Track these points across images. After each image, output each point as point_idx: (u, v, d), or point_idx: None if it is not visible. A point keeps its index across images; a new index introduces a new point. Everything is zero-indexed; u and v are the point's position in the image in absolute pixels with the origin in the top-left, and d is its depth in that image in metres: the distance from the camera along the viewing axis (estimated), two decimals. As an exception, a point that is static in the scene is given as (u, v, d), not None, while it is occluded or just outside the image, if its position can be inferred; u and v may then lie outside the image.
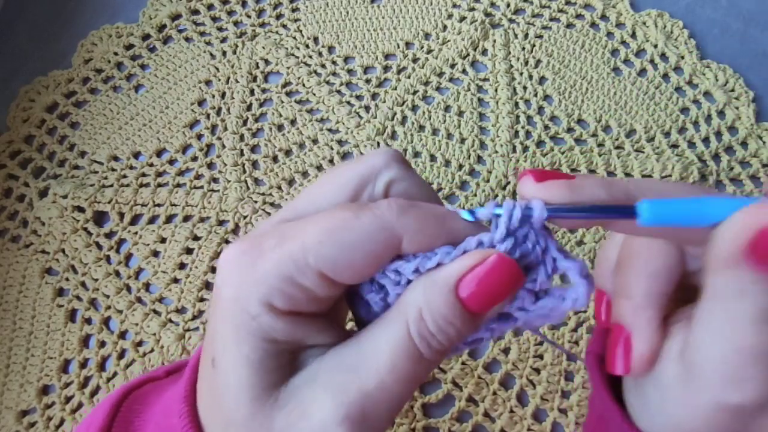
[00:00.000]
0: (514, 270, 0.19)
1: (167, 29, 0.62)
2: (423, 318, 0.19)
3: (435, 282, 0.19)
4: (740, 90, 0.58)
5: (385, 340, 0.19)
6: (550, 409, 0.44)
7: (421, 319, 0.19)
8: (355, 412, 0.18)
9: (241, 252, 0.19)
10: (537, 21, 0.63)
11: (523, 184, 0.20)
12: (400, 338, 0.19)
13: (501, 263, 0.19)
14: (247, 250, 0.19)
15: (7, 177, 0.54)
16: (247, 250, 0.19)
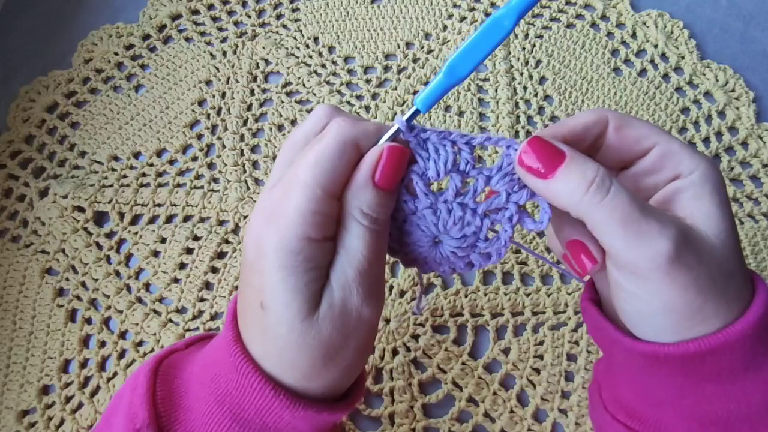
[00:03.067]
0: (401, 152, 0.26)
1: (167, 29, 0.62)
2: (361, 208, 0.26)
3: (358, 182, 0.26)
4: (740, 90, 0.58)
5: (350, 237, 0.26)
6: (550, 409, 0.44)
7: (360, 210, 0.26)
8: (365, 286, 0.26)
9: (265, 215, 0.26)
10: (537, 21, 0.63)
11: None
12: (358, 230, 0.26)
13: (393, 152, 0.26)
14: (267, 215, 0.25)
15: (7, 177, 0.54)
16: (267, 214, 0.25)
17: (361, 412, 0.44)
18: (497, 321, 0.47)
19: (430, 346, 0.46)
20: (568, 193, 0.25)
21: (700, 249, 0.24)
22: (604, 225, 0.24)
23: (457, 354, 0.46)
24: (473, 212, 0.27)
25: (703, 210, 0.25)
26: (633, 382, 0.29)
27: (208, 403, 0.26)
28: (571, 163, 0.25)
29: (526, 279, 0.49)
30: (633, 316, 0.27)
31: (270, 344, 0.26)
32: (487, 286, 0.48)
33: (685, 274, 0.24)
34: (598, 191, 0.24)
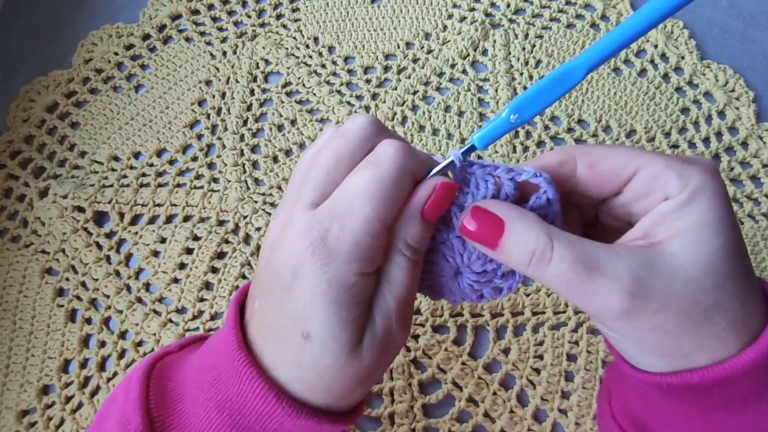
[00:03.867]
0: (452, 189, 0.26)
1: (167, 29, 0.62)
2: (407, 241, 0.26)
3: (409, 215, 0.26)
4: (740, 90, 0.58)
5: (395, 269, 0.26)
6: (550, 409, 0.44)
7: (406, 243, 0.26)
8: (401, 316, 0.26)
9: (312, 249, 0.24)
10: (537, 21, 0.63)
11: None
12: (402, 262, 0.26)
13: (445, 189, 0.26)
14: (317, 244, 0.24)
15: (7, 177, 0.54)
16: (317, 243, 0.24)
17: (361, 412, 0.44)
18: (497, 321, 0.47)
19: (430, 346, 0.46)
20: (515, 264, 0.25)
21: (666, 289, 0.23)
22: (556, 290, 0.25)
23: (457, 354, 0.46)
24: None
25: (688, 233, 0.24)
26: (641, 399, 0.29)
27: (207, 408, 0.26)
28: (510, 235, 0.25)
29: (526, 279, 0.49)
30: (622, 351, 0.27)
31: (307, 372, 0.25)
32: (487, 286, 0.49)
33: (646, 319, 0.23)
34: (539, 263, 0.24)
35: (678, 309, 0.23)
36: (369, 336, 0.25)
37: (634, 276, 0.23)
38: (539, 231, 0.24)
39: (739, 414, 0.25)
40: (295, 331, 0.25)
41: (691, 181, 0.24)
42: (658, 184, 0.25)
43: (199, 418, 0.26)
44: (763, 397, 0.24)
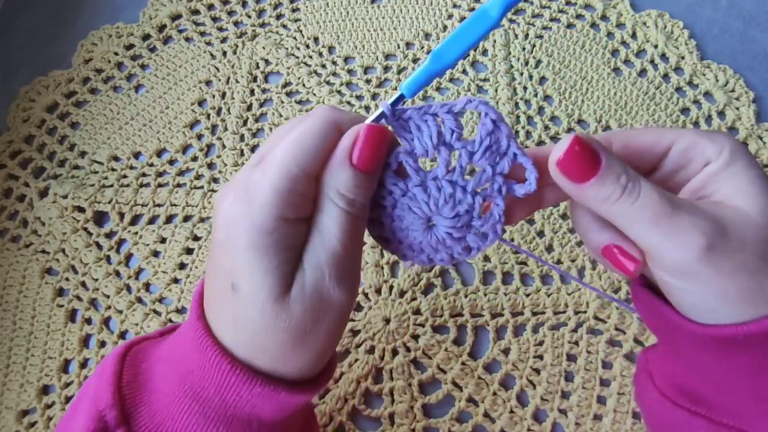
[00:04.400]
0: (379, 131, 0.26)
1: (167, 29, 0.62)
2: (338, 189, 0.25)
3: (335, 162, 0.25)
4: (740, 90, 0.58)
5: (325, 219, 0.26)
6: (550, 409, 0.44)
7: (337, 191, 0.25)
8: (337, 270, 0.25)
9: (235, 197, 0.25)
10: (537, 21, 0.63)
11: None
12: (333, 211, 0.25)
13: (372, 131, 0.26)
14: (242, 188, 0.25)
15: (7, 177, 0.54)
16: (242, 188, 0.25)
17: (361, 412, 0.44)
18: (497, 321, 0.47)
19: (430, 346, 0.46)
20: (602, 199, 0.25)
21: (742, 232, 0.24)
22: (638, 225, 0.25)
23: (457, 354, 0.46)
24: (463, 190, 0.27)
25: (741, 188, 0.25)
26: (699, 366, 0.28)
27: (172, 383, 0.26)
28: (607, 170, 0.25)
29: (526, 279, 0.49)
30: (692, 309, 0.26)
31: (240, 331, 0.25)
32: (487, 286, 0.48)
33: (728, 260, 0.24)
34: (630, 195, 0.24)
35: (755, 250, 0.24)
36: (297, 287, 0.25)
37: (714, 217, 0.24)
38: (626, 165, 0.25)
39: None
40: (227, 285, 0.25)
41: (726, 145, 0.26)
42: (696, 152, 0.26)
43: (164, 394, 0.26)
44: None
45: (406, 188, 0.27)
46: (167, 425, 0.26)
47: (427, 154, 0.27)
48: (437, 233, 0.28)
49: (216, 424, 0.26)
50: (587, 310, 0.48)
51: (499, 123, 0.26)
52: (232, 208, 0.25)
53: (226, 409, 0.26)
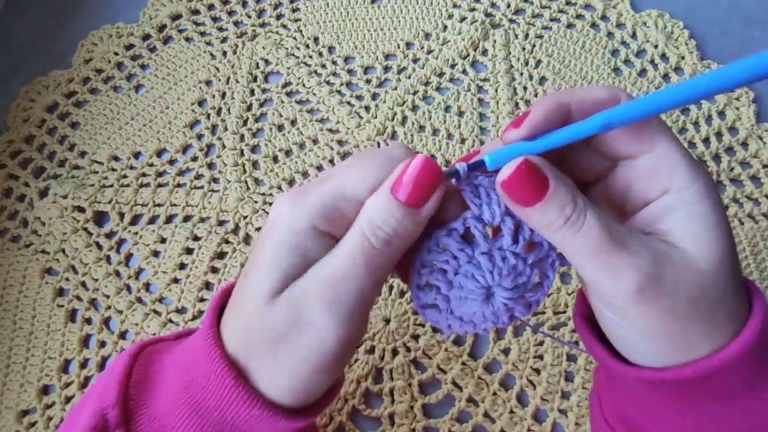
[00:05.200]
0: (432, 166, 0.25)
1: (167, 29, 0.62)
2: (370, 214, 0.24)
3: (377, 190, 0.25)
4: (740, 90, 0.58)
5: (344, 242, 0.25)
6: (550, 409, 0.44)
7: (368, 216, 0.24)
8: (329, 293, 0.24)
9: (291, 194, 0.26)
10: (537, 21, 0.63)
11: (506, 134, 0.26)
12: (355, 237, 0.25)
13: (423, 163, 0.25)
14: (297, 192, 0.26)
15: (7, 177, 0.54)
16: (297, 192, 0.26)
17: (361, 412, 0.44)
18: (497, 321, 0.47)
19: (430, 346, 0.46)
20: (545, 225, 0.25)
21: (680, 277, 0.24)
22: (577, 256, 0.25)
23: (457, 354, 0.46)
24: (524, 262, 0.27)
25: (695, 233, 0.25)
26: (633, 399, 0.29)
27: (176, 390, 0.26)
28: (552, 198, 0.24)
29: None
30: (619, 341, 0.27)
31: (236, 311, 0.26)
32: (487, 286, 0.48)
33: (658, 302, 0.24)
34: (572, 226, 0.24)
35: (689, 297, 0.24)
36: (287, 292, 0.25)
37: (653, 258, 0.24)
38: (575, 193, 0.25)
39: (731, 404, 0.25)
40: (244, 272, 0.26)
41: (697, 182, 0.25)
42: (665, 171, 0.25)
43: (166, 400, 0.26)
44: (751, 386, 0.25)
45: (472, 255, 0.26)
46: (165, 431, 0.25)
47: (493, 221, 0.26)
48: (494, 302, 0.28)
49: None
50: (587, 310, 0.48)
51: None
52: (281, 205, 0.26)
53: (223, 425, 0.25)
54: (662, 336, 0.25)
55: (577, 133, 0.25)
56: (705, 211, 0.25)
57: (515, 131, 0.26)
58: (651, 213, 0.26)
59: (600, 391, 0.33)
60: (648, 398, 0.27)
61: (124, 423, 0.26)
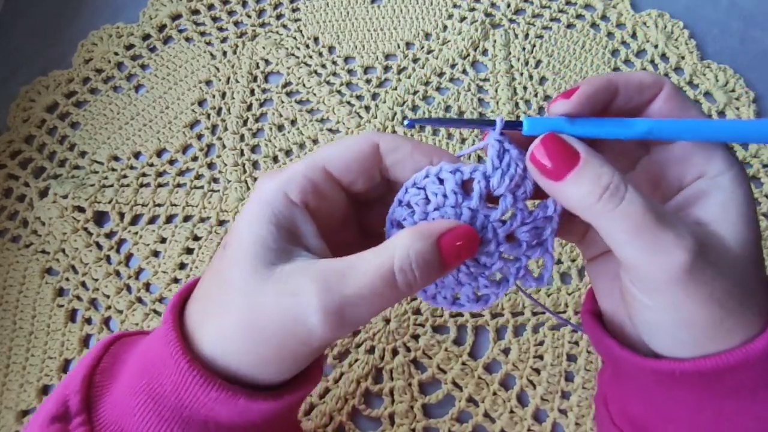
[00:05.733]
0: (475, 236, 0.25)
1: (167, 29, 0.62)
2: (408, 255, 0.24)
3: (422, 232, 0.24)
4: (741, 90, 0.58)
5: (373, 264, 0.24)
6: (550, 409, 0.44)
7: (406, 256, 0.24)
8: (332, 307, 0.23)
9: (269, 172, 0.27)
10: (537, 21, 0.63)
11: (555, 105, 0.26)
12: (385, 266, 0.24)
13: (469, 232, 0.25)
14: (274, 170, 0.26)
15: (7, 177, 0.54)
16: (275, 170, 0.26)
17: (361, 412, 0.44)
18: (497, 321, 0.47)
19: (430, 346, 0.46)
20: (580, 198, 0.23)
21: (720, 260, 0.23)
22: (617, 234, 0.23)
23: (457, 354, 0.46)
24: (497, 244, 0.26)
25: (730, 219, 0.24)
26: (643, 397, 0.28)
27: (135, 376, 0.25)
28: (585, 167, 0.23)
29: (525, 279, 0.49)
30: (650, 328, 0.26)
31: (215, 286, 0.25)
32: (487, 286, 0.48)
33: (702, 286, 0.23)
34: (611, 199, 0.23)
35: (729, 283, 0.23)
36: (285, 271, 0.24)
37: (698, 238, 0.23)
38: (613, 168, 0.24)
39: (750, 401, 0.25)
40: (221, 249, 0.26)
41: (733, 169, 0.25)
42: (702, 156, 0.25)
43: (124, 386, 0.25)
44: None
45: (460, 202, 0.26)
46: (122, 420, 0.24)
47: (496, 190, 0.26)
48: None
49: (170, 423, 0.24)
50: (587, 310, 0.48)
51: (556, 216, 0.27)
52: (258, 181, 0.26)
53: (181, 410, 0.24)
54: (700, 323, 0.24)
55: (618, 133, 0.25)
56: (739, 198, 0.24)
57: (564, 102, 0.25)
58: (685, 197, 0.26)
59: (605, 392, 0.33)
60: (660, 393, 0.27)
61: (86, 410, 0.25)
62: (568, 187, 0.24)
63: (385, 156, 0.27)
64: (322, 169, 0.26)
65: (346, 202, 0.28)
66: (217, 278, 0.26)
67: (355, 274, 0.23)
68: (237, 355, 0.24)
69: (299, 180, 0.26)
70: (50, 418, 0.25)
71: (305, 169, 0.26)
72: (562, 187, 0.24)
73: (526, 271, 0.27)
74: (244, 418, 0.25)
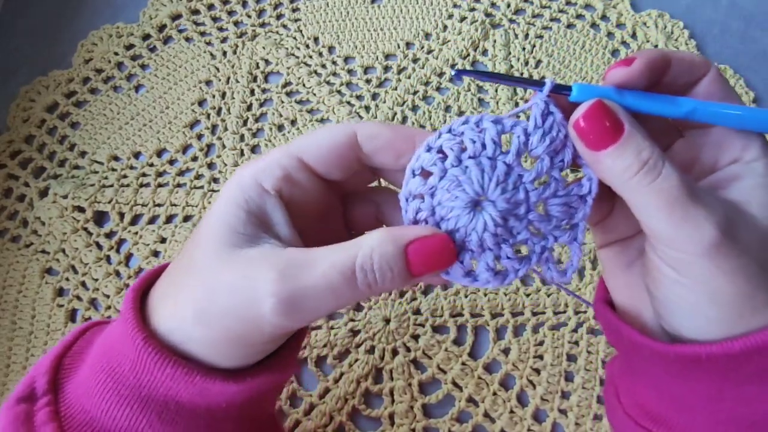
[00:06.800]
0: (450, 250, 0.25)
1: (167, 29, 0.62)
2: (371, 256, 0.24)
3: (393, 234, 0.24)
4: (741, 90, 0.58)
5: (335, 258, 0.24)
6: (550, 409, 0.44)
7: (369, 256, 0.24)
8: (286, 296, 0.23)
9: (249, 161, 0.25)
10: (537, 21, 0.63)
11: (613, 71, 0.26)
12: (347, 262, 0.23)
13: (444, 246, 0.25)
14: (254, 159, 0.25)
15: (7, 177, 0.54)
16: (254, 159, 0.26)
17: (361, 412, 0.44)
18: (497, 321, 0.47)
19: (430, 346, 0.46)
20: (619, 171, 0.24)
21: (750, 235, 0.24)
22: (650, 207, 0.24)
23: (457, 354, 0.46)
24: (527, 209, 0.25)
25: (762, 201, 0.25)
26: (658, 386, 0.28)
27: (96, 356, 0.25)
28: (628, 140, 0.24)
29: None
30: (677, 307, 0.25)
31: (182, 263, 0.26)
32: (487, 286, 0.48)
33: (733, 259, 0.23)
34: (649, 173, 0.23)
35: (760, 258, 0.23)
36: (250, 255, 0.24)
37: (727, 214, 0.23)
38: (653, 143, 0.24)
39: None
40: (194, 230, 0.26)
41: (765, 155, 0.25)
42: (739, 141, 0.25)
43: (88, 366, 0.26)
44: None
45: (495, 155, 0.25)
46: (84, 400, 0.25)
47: (535, 147, 0.25)
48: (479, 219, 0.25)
49: (129, 401, 0.24)
50: (587, 310, 0.48)
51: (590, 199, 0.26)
52: (239, 168, 0.27)
53: (140, 389, 0.24)
54: (729, 298, 0.24)
55: (664, 110, 0.25)
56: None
57: (622, 69, 0.25)
58: (718, 178, 0.26)
59: (617, 384, 0.32)
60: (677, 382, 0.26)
61: (52, 391, 0.25)
62: (609, 159, 0.24)
63: (363, 144, 0.27)
64: (296, 158, 0.26)
65: (323, 192, 0.28)
66: (181, 260, 0.26)
67: (315, 266, 0.23)
68: (189, 333, 0.25)
69: (273, 168, 0.26)
70: (16, 399, 0.25)
71: (280, 157, 0.26)
72: (603, 157, 0.24)
73: (550, 254, 0.26)
74: (205, 400, 0.25)
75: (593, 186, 0.26)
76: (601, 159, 0.24)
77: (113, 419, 0.24)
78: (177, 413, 0.25)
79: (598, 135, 0.24)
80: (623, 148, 0.24)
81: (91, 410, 0.24)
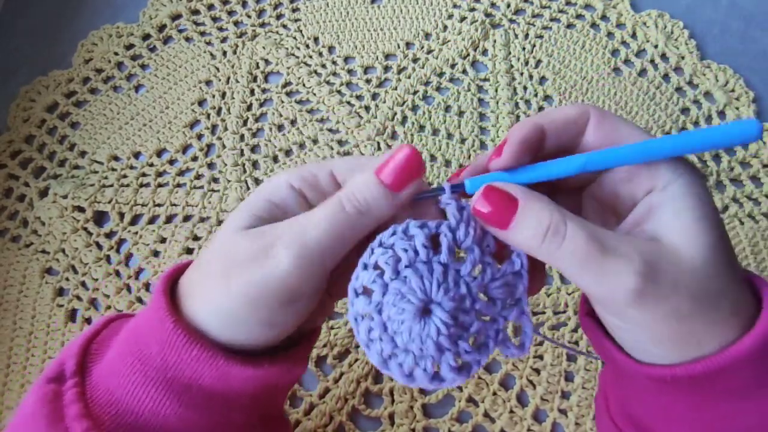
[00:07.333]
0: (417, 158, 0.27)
1: (167, 29, 0.62)
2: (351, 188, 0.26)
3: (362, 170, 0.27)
4: (740, 90, 0.58)
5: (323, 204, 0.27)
6: (550, 409, 0.44)
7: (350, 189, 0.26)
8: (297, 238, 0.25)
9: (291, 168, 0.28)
10: (537, 21, 0.63)
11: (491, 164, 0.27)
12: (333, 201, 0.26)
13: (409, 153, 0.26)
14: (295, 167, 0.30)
15: (7, 177, 0.54)
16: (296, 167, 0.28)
17: (361, 412, 0.44)
18: (497, 321, 0.47)
19: (430, 346, 0.46)
20: (527, 241, 0.25)
21: (676, 274, 0.23)
22: (568, 268, 0.24)
23: (457, 354, 0.46)
24: (471, 301, 0.25)
25: (685, 227, 0.24)
26: (643, 398, 0.28)
27: (124, 341, 0.27)
28: (524, 212, 0.24)
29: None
30: (627, 345, 0.27)
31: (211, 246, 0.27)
32: (487, 286, 0.48)
33: (660, 304, 0.23)
34: (554, 238, 0.24)
35: (688, 294, 0.23)
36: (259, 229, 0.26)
37: (645, 259, 0.23)
38: (552, 207, 0.24)
39: (743, 401, 0.25)
40: None
41: (682, 176, 0.25)
42: (648, 171, 0.25)
43: (115, 351, 0.27)
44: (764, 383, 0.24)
45: (430, 258, 0.26)
46: (110, 381, 0.26)
47: (464, 240, 0.26)
48: (429, 325, 0.25)
49: (155, 383, 0.26)
50: (587, 310, 0.48)
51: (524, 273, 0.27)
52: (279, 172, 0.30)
53: (166, 370, 0.25)
54: (669, 337, 0.24)
55: (556, 173, 0.26)
56: (691, 205, 0.24)
57: (497, 159, 0.27)
58: (639, 213, 0.26)
59: (607, 391, 0.33)
60: (658, 395, 0.27)
61: (79, 373, 0.26)
62: (513, 233, 0.25)
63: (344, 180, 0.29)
64: (328, 171, 0.28)
65: None
66: (207, 247, 0.28)
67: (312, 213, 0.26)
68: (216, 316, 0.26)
69: (303, 172, 0.28)
70: (47, 378, 0.26)
71: (312, 166, 0.28)
72: (509, 234, 0.25)
73: (505, 334, 0.27)
74: (224, 384, 0.26)
75: (523, 260, 0.26)
76: (509, 236, 0.25)
77: (138, 400, 0.25)
78: (198, 397, 0.26)
79: (497, 215, 0.25)
80: (522, 220, 0.25)
81: (116, 391, 0.26)
